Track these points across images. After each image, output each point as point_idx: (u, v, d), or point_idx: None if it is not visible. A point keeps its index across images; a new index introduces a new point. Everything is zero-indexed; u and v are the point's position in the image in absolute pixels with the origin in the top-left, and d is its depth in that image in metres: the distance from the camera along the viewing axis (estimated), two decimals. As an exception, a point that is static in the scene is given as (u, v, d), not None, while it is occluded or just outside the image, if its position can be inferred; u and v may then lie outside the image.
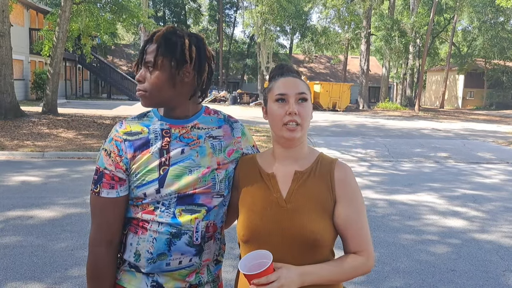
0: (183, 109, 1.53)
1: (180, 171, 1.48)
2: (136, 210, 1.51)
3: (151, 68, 1.46)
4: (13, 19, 20.61)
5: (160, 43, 1.46)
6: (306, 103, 1.47)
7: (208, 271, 1.59)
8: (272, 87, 1.50)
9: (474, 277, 4.19)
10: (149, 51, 1.47)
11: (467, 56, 43.20)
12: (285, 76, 1.52)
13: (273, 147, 1.56)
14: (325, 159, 1.54)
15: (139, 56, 1.50)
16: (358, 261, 1.43)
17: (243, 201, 1.52)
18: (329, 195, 1.46)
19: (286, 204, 1.44)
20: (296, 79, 1.50)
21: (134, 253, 1.50)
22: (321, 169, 1.50)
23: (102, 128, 13.96)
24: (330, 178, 1.48)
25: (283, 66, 1.58)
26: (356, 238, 1.45)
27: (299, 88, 1.47)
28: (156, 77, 1.46)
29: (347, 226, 1.44)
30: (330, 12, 36.16)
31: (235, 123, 1.66)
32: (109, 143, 1.50)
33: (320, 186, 1.47)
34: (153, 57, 1.45)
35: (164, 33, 1.47)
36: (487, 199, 7.23)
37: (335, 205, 1.45)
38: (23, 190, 6.78)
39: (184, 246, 1.48)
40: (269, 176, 1.51)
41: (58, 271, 4.02)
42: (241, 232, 1.47)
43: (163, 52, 1.45)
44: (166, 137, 1.50)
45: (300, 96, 1.46)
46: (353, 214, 1.45)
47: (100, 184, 1.48)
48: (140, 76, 1.48)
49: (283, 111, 1.44)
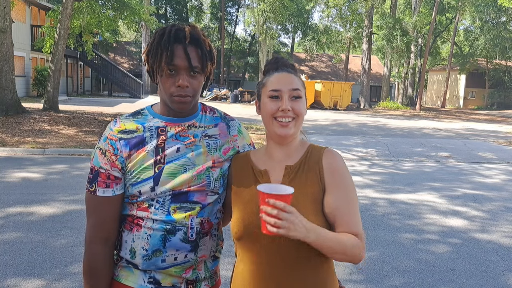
0: (191, 107, 1.53)
1: (175, 169, 1.47)
2: (131, 208, 1.51)
3: (196, 73, 1.44)
4: (15, 15, 20.60)
5: (201, 48, 1.44)
6: (300, 100, 1.45)
7: (206, 267, 1.59)
8: (266, 82, 1.48)
9: (473, 276, 4.18)
10: (192, 56, 1.41)
11: (468, 56, 43.14)
12: (279, 71, 1.48)
13: (266, 144, 1.54)
14: (315, 148, 1.51)
15: (158, 52, 1.42)
16: (355, 241, 1.38)
17: (236, 199, 1.51)
18: (318, 186, 1.43)
19: None
20: (291, 75, 1.47)
21: (129, 250, 1.50)
22: (311, 160, 1.48)
23: (103, 125, 13.97)
24: (319, 167, 1.45)
25: (278, 60, 1.54)
26: (346, 226, 1.40)
27: (293, 84, 1.45)
28: (199, 83, 1.46)
29: (336, 214, 1.40)
30: (332, 11, 36.10)
31: (231, 121, 1.65)
32: (104, 142, 1.49)
33: (310, 178, 1.44)
34: (199, 62, 1.43)
35: (196, 34, 1.44)
36: (488, 199, 7.22)
37: (325, 193, 1.42)
38: (23, 186, 6.79)
39: (179, 242, 1.47)
40: (262, 172, 1.49)
41: (58, 268, 4.02)
42: (234, 229, 1.46)
43: (208, 57, 1.45)
44: (161, 135, 1.49)
45: (294, 93, 1.44)
46: (341, 201, 1.40)
47: (95, 183, 1.48)
48: (186, 82, 1.42)
49: (275, 107, 1.43)
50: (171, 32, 1.42)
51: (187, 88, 1.43)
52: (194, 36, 1.43)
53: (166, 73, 1.43)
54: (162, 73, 1.44)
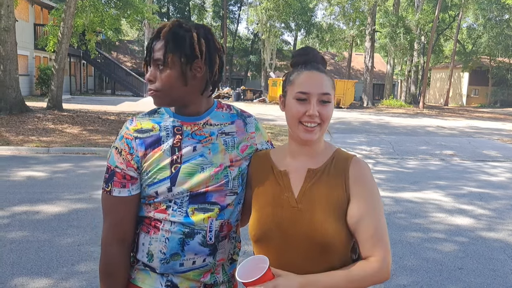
0: (196, 105, 1.48)
1: (192, 169, 1.44)
2: (148, 209, 1.47)
3: (161, 66, 1.40)
4: (18, 14, 20.60)
5: (167, 40, 1.39)
6: (329, 104, 1.36)
7: (223, 271, 1.55)
8: (294, 81, 1.37)
9: (481, 275, 4.16)
10: (157, 49, 1.40)
11: (471, 54, 43.03)
12: (309, 68, 1.37)
13: (288, 143, 1.48)
14: (341, 155, 1.44)
15: (146, 54, 1.44)
16: (368, 269, 1.29)
17: (255, 200, 1.46)
18: (343, 194, 1.36)
19: (297, 204, 1.37)
20: (321, 75, 1.36)
21: (146, 253, 1.47)
22: (336, 166, 1.41)
23: (107, 124, 13.97)
24: (345, 176, 1.38)
25: (308, 52, 1.42)
26: (369, 241, 1.32)
27: (323, 87, 1.34)
28: (167, 76, 1.40)
29: (359, 227, 1.33)
30: (335, 9, 36.06)
31: (248, 118, 1.60)
32: (120, 141, 1.46)
33: (334, 184, 1.37)
34: (162, 54, 1.39)
35: (171, 29, 1.40)
36: (494, 197, 7.19)
37: (349, 204, 1.35)
38: (29, 185, 6.79)
39: (197, 246, 1.44)
40: (282, 173, 1.43)
41: (65, 266, 4.01)
42: (252, 232, 1.42)
43: (172, 48, 1.38)
44: (177, 135, 1.45)
45: (323, 97, 1.34)
46: (366, 214, 1.33)
47: (111, 183, 1.45)
48: (150, 76, 1.42)
49: (302, 111, 1.34)
50: (155, 32, 1.45)
51: (151, 82, 1.42)
52: (170, 30, 1.40)
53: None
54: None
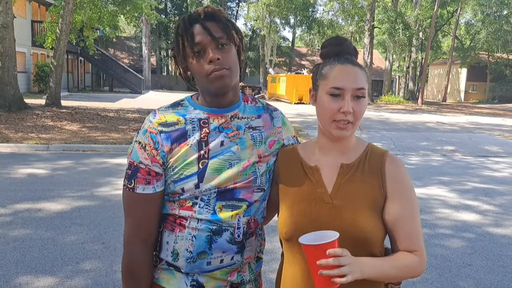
0: (234, 93, 1.40)
1: (220, 165, 1.36)
2: (172, 206, 1.40)
3: (225, 45, 1.31)
4: (16, 11, 20.44)
5: (219, 18, 1.31)
6: (363, 100, 1.30)
7: (250, 269, 1.49)
8: (327, 75, 1.30)
9: (491, 271, 4.12)
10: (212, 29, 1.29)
11: (470, 50, 42.99)
12: (342, 62, 1.30)
13: (318, 138, 1.42)
14: (375, 150, 1.40)
15: (179, 42, 1.32)
16: (412, 260, 1.30)
17: (284, 197, 1.39)
18: (379, 191, 1.33)
19: (332, 200, 1.32)
20: (356, 69, 1.30)
21: (171, 252, 1.40)
22: (371, 161, 1.36)
23: (106, 121, 13.89)
24: (381, 172, 1.34)
25: (341, 42, 1.34)
26: (408, 238, 1.31)
27: (358, 82, 1.28)
28: (233, 54, 1.32)
29: (398, 225, 1.31)
30: (334, 5, 35.96)
31: (274, 112, 1.53)
32: (143, 135, 1.36)
33: (369, 180, 1.34)
34: (222, 32, 1.30)
35: (213, 9, 1.33)
36: (499, 192, 7.15)
37: (386, 201, 1.32)
38: (30, 182, 6.72)
39: (225, 243, 1.38)
40: (313, 169, 1.37)
41: (70, 265, 3.95)
42: (283, 230, 1.35)
43: (231, 25, 1.32)
44: (204, 128, 1.37)
45: (358, 93, 1.28)
46: (405, 212, 1.31)
47: (135, 180, 1.36)
48: (215, 55, 1.29)
49: (336, 107, 1.27)
50: (185, 19, 1.34)
51: (219, 61, 1.29)
52: (208, 13, 1.32)
53: (194, 56, 1.31)
54: (191, 60, 1.33)
